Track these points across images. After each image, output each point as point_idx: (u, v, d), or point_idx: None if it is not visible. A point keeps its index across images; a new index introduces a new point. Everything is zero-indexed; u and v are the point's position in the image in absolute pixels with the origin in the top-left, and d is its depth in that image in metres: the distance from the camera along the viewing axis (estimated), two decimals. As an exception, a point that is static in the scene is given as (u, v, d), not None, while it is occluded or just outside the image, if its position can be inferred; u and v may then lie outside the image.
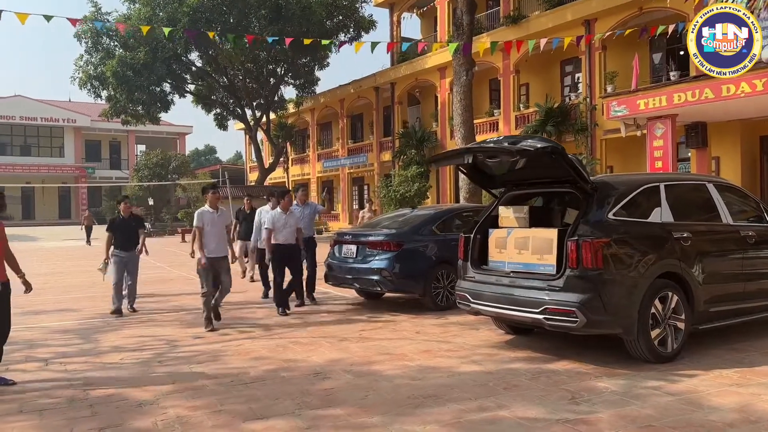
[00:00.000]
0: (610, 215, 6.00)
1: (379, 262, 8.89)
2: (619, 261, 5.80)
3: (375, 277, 8.90)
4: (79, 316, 9.43)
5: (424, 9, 31.96)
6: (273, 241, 9.17)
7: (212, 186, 9.38)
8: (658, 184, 6.50)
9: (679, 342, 6.12)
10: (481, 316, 6.95)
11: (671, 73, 19.58)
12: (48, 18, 11.49)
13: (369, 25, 30.05)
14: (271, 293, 9.85)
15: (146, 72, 27.47)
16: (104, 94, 29.06)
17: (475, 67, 19.04)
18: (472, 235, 6.93)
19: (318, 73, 33.28)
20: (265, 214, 9.72)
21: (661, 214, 6.31)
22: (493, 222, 6.96)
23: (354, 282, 9.27)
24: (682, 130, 18.91)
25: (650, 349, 5.89)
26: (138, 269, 9.79)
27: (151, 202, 39.99)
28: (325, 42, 16.36)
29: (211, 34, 14.40)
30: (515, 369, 5.87)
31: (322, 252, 10.34)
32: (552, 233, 6.18)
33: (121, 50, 27.71)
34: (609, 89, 20.77)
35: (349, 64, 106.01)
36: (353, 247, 9.29)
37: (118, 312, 9.15)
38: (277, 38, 17.20)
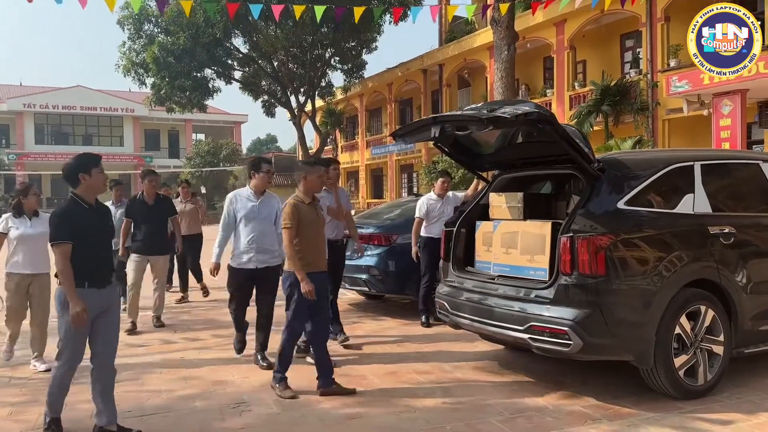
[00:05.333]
0: (622, 204, 4.57)
1: (368, 258, 7.62)
2: (628, 265, 4.36)
3: (363, 276, 7.65)
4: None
5: (476, -16, 30.16)
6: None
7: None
8: (692, 163, 4.98)
9: (715, 371, 4.64)
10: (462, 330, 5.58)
11: (745, 44, 17.31)
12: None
13: (415, 1, 28.46)
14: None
15: (187, 58, 26.90)
16: (149, 81, 28.77)
17: (517, 40, 17.31)
18: (455, 229, 5.60)
19: (366, 57, 31.96)
20: (243, 201, 5.69)
21: (695, 203, 4.81)
22: (483, 213, 5.61)
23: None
24: (754, 108, 16.77)
25: (673, 382, 4.44)
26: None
27: (203, 190, 39.94)
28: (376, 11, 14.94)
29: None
30: (491, 404, 4.53)
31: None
32: (544, 227, 4.79)
33: (162, 36, 27.28)
34: (672, 64, 18.66)
35: (397, 47, 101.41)
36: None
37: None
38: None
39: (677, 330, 4.47)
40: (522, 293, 4.67)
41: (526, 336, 4.52)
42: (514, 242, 5.00)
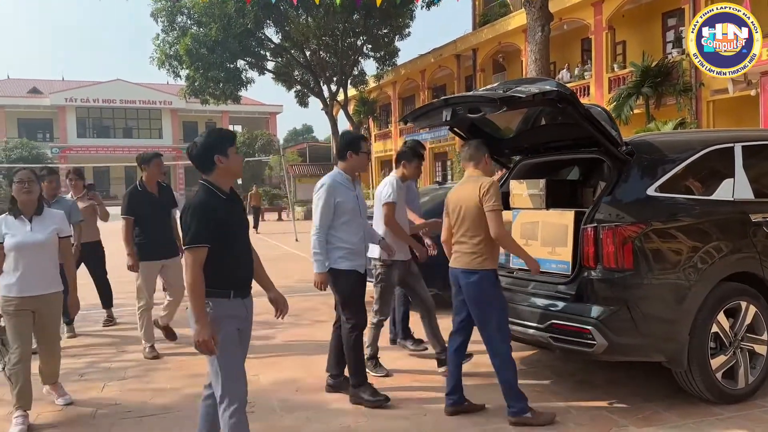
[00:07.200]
0: (652, 190, 4.17)
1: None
2: (659, 257, 3.97)
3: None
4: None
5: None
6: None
7: None
8: (731, 144, 4.53)
9: (757, 374, 4.22)
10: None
11: (796, 19, 16.38)
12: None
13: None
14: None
15: (219, 49, 26.93)
16: (183, 73, 28.92)
17: (552, 21, 16.65)
18: (473, 219, 5.25)
19: (399, 44, 31.56)
20: (344, 191, 4.56)
21: (734, 189, 4.38)
22: (504, 201, 5.24)
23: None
24: (807, 86, 15.87)
25: (710, 385, 4.04)
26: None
27: (239, 181, 40.11)
28: None
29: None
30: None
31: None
32: (566, 217, 4.42)
33: (194, 28, 27.35)
34: (717, 42, 17.78)
35: (431, 34, 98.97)
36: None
37: None
38: None
39: (714, 328, 4.06)
40: (542, 288, 4.33)
41: (546, 335, 4.18)
42: (534, 233, 4.65)
